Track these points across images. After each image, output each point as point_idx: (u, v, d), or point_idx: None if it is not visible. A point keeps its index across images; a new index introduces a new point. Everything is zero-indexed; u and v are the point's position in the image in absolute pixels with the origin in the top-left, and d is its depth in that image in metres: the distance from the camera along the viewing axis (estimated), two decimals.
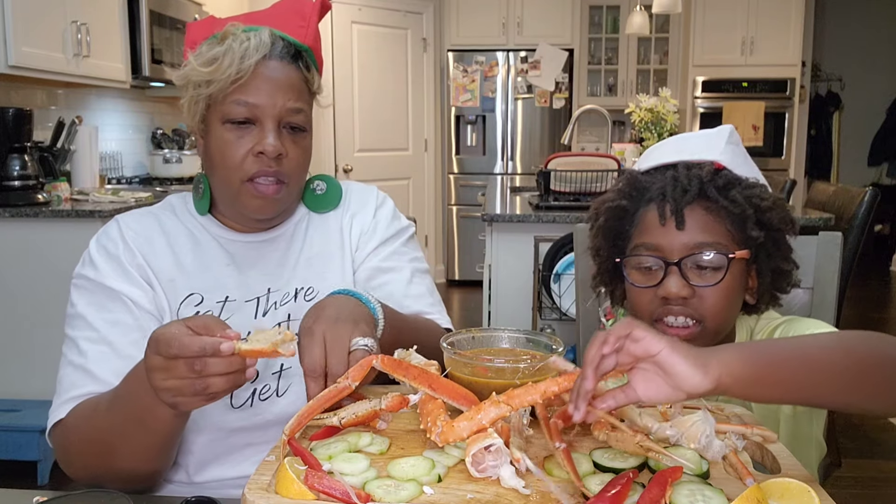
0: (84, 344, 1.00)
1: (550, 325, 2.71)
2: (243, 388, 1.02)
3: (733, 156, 1.02)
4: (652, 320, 0.98)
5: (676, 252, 0.96)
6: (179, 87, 1.06)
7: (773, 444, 0.79)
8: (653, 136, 3.74)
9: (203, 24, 1.08)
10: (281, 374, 1.05)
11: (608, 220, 1.04)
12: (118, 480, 0.90)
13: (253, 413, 1.03)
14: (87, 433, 0.93)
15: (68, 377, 0.99)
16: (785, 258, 1.00)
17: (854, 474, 2.75)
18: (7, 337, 2.75)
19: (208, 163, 1.06)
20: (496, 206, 3.21)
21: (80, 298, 1.04)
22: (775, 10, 5.79)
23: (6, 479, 2.55)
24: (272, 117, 1.01)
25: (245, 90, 1.00)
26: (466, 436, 0.71)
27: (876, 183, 7.24)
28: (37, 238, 2.72)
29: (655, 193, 0.99)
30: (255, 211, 1.05)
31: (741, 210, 0.96)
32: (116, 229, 1.08)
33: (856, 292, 5.29)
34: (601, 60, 6.35)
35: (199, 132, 1.06)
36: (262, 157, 1.01)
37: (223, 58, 0.99)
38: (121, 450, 0.90)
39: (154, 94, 4.34)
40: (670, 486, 0.66)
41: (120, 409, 0.88)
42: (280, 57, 1.03)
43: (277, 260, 1.11)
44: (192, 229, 1.11)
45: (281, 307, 1.08)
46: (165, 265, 1.06)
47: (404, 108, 5.94)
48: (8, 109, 2.80)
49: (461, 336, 0.94)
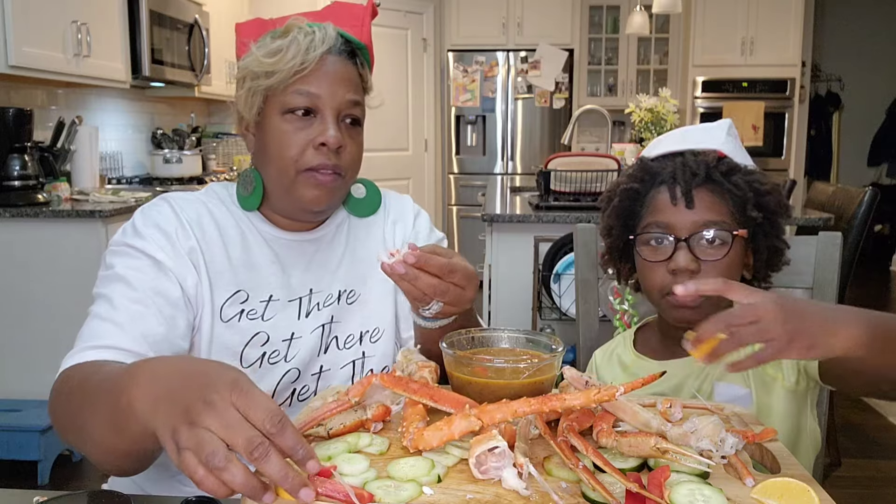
0: (119, 300, 0.94)
1: (550, 325, 2.71)
2: (284, 388, 1.04)
3: (732, 147, 1.11)
4: (661, 293, 1.05)
5: (686, 229, 1.04)
6: (237, 79, 1.06)
7: (772, 444, 0.79)
8: (653, 136, 3.74)
9: (252, 24, 1.10)
10: (320, 375, 1.06)
11: (622, 202, 1.12)
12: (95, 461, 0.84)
13: (291, 413, 1.02)
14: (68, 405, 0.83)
15: (91, 329, 0.92)
16: (778, 237, 1.09)
17: (853, 474, 2.75)
18: (7, 337, 2.75)
19: (263, 155, 1.05)
20: (496, 207, 3.21)
21: (121, 262, 0.98)
22: (775, 10, 5.79)
23: (6, 479, 2.55)
24: (332, 109, 1.02)
25: (307, 81, 1.01)
26: (435, 445, 0.72)
27: (875, 183, 7.23)
28: (37, 238, 2.72)
29: (667, 176, 1.07)
30: (311, 202, 1.04)
31: (743, 193, 1.05)
32: (169, 207, 1.04)
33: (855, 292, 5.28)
34: (601, 60, 6.35)
35: (254, 126, 1.06)
36: (322, 148, 1.01)
37: (288, 49, 1.00)
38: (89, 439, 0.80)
39: (154, 94, 4.34)
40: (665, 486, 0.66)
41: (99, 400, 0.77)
42: (339, 52, 1.04)
43: (320, 261, 1.11)
44: (239, 222, 1.09)
45: (324, 308, 1.08)
46: (218, 256, 1.04)
47: (404, 108, 5.94)
48: (8, 109, 2.80)
49: (461, 336, 0.94)
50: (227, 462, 0.58)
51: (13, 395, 2.75)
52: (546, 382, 0.84)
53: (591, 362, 1.24)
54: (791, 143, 6.01)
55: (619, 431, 0.75)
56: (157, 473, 1.07)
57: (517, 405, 0.73)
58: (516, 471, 0.68)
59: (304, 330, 1.06)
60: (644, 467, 0.74)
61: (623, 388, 0.70)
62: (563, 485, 0.69)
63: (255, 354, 1.03)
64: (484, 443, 0.69)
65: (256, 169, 1.09)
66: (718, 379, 1.06)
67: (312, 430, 0.78)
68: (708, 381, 1.07)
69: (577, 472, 0.68)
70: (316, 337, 1.06)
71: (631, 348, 1.17)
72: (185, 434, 0.60)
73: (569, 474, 0.70)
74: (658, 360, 1.12)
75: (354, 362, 1.08)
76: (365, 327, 1.11)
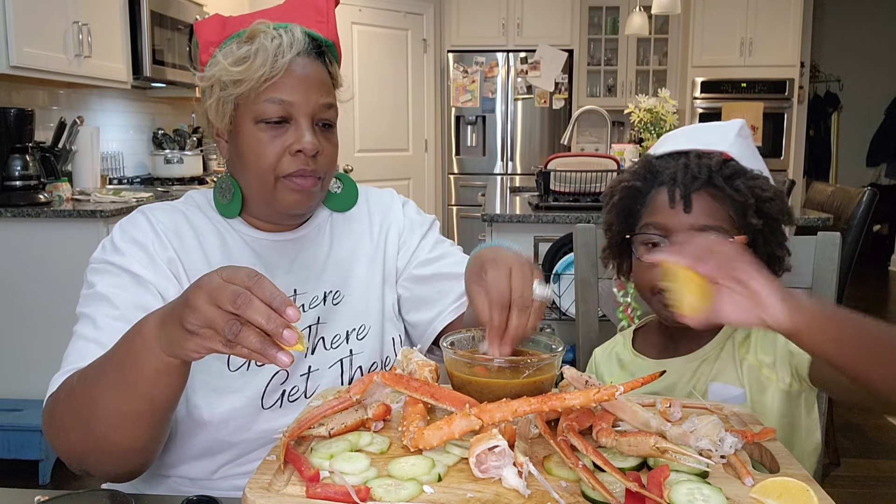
0: (103, 320, 0.95)
1: (550, 324, 2.71)
2: (273, 389, 1.02)
3: (741, 148, 1.09)
4: (653, 292, 1.05)
5: (679, 231, 1.04)
6: (204, 88, 1.04)
7: (771, 444, 0.80)
8: (652, 136, 3.74)
9: (213, 23, 1.06)
10: (309, 375, 1.05)
11: (622, 199, 1.11)
12: (102, 462, 0.87)
13: (282, 414, 1.02)
14: (70, 402, 0.86)
15: (77, 350, 0.93)
16: (779, 245, 1.07)
17: (852, 474, 2.75)
18: (8, 337, 2.75)
19: (239, 163, 1.04)
20: (496, 207, 3.22)
21: (102, 280, 0.99)
22: (774, 10, 5.80)
23: (7, 479, 2.55)
24: (306, 115, 1.01)
25: (278, 88, 0.99)
26: (435, 444, 0.72)
27: (874, 183, 7.24)
28: (38, 238, 2.72)
29: (667, 178, 1.06)
30: (291, 206, 1.04)
31: (744, 199, 1.03)
32: (145, 220, 1.04)
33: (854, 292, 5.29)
34: (601, 61, 6.35)
35: (226, 134, 1.05)
36: (299, 155, 1.00)
37: (255, 56, 0.98)
38: (99, 415, 0.83)
39: (155, 95, 4.34)
40: (665, 486, 0.66)
41: (105, 368, 0.83)
42: (307, 53, 1.02)
43: (303, 262, 1.10)
44: (219, 227, 1.08)
45: (310, 310, 1.07)
46: (197, 262, 1.04)
47: (404, 108, 5.95)
48: (10, 110, 2.81)
49: (461, 336, 0.94)
50: (240, 328, 0.69)
51: (13, 395, 2.75)
52: (546, 382, 0.85)
53: (590, 360, 1.25)
54: (790, 144, 6.02)
55: (618, 431, 0.75)
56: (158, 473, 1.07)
57: (517, 404, 0.73)
58: (516, 470, 0.68)
59: None
60: (644, 467, 0.74)
61: (623, 388, 0.71)
62: (562, 484, 0.70)
63: None
64: (484, 442, 0.70)
65: (232, 176, 1.08)
66: (713, 379, 1.07)
67: (314, 429, 0.79)
68: (702, 380, 1.07)
69: (576, 472, 0.68)
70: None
71: (630, 347, 1.18)
72: (190, 318, 0.71)
73: (569, 473, 0.71)
74: (655, 360, 1.13)
75: (342, 360, 1.07)
76: (351, 325, 1.10)
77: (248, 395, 1.01)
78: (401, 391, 0.79)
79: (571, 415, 0.77)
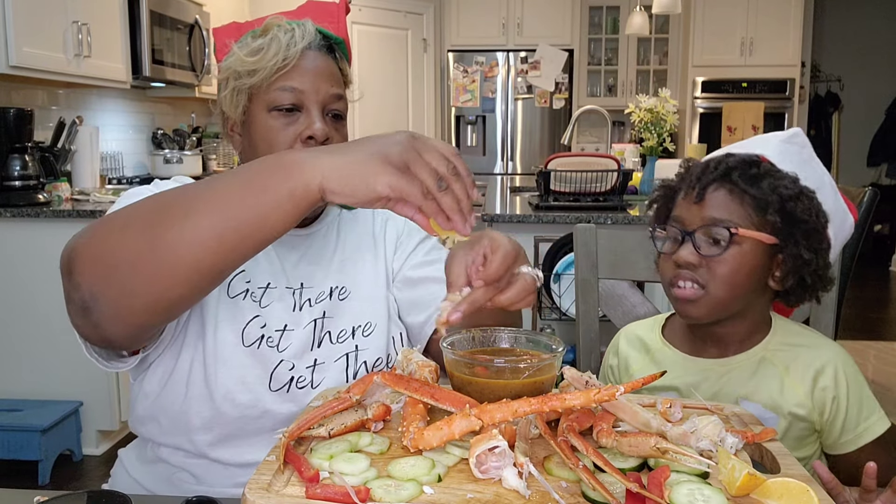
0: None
1: (550, 325, 2.71)
2: (281, 374, 1.04)
3: (784, 153, 1.10)
4: (671, 286, 1.09)
5: (693, 224, 1.06)
6: (220, 81, 1.08)
7: (772, 444, 0.79)
8: (652, 136, 3.74)
9: (230, 27, 1.12)
10: (315, 367, 1.06)
11: (659, 197, 1.17)
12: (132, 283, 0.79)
13: (288, 398, 1.03)
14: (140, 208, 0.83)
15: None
16: (809, 248, 1.04)
17: None
18: (7, 337, 2.75)
19: (252, 154, 1.06)
20: (496, 207, 3.22)
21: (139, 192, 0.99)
22: (775, 10, 5.80)
23: (7, 479, 2.55)
24: (317, 103, 1.04)
25: (290, 77, 1.03)
26: (435, 444, 0.72)
27: (875, 183, 7.24)
28: (37, 238, 2.72)
29: (692, 175, 1.10)
30: None
31: (764, 196, 1.03)
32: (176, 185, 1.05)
33: (855, 292, 5.30)
34: (601, 61, 6.35)
35: (240, 126, 1.08)
36: (310, 142, 1.03)
37: (269, 46, 1.02)
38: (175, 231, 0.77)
39: (155, 95, 4.34)
40: (665, 486, 0.66)
41: (214, 186, 0.78)
42: (318, 48, 1.07)
43: (311, 257, 1.12)
44: None
45: (316, 304, 1.09)
46: None
47: (405, 108, 5.95)
48: (9, 109, 2.81)
49: (461, 336, 0.94)
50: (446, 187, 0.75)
51: (13, 395, 2.75)
52: (546, 382, 0.84)
53: (613, 340, 1.25)
54: None
55: (619, 431, 0.75)
56: (158, 473, 1.07)
57: (517, 405, 0.73)
58: (516, 470, 0.68)
59: (297, 323, 1.07)
60: (644, 467, 0.74)
61: (623, 388, 0.71)
62: (563, 484, 0.70)
63: (255, 335, 1.04)
64: (484, 442, 0.69)
65: None
66: (745, 396, 1.07)
67: (313, 429, 0.78)
68: (728, 387, 1.08)
69: (577, 472, 0.68)
70: (308, 332, 1.07)
71: (659, 333, 1.18)
72: (405, 156, 0.76)
73: (569, 474, 0.71)
74: (682, 353, 1.14)
75: (348, 355, 1.09)
76: (357, 322, 1.11)
77: (256, 374, 1.03)
78: (401, 392, 0.79)
79: (572, 415, 0.77)
